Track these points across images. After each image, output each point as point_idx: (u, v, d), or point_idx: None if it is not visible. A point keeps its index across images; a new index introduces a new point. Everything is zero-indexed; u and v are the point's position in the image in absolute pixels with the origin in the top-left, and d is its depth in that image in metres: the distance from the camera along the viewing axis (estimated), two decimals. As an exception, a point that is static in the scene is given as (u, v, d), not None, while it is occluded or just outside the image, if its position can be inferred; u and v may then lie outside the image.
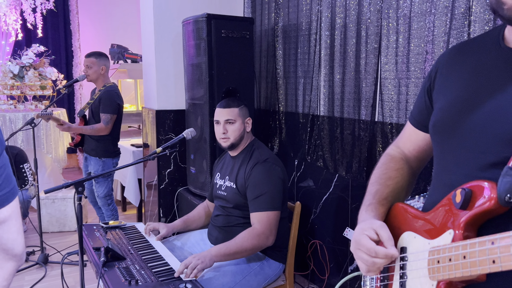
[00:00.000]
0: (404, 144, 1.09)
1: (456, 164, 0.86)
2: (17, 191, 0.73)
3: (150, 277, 1.64)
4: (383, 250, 0.85)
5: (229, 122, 2.03)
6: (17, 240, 0.74)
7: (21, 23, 5.94)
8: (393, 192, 1.00)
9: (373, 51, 2.25)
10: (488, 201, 0.72)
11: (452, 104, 0.89)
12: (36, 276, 3.09)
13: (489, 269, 0.66)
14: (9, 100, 5.19)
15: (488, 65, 0.85)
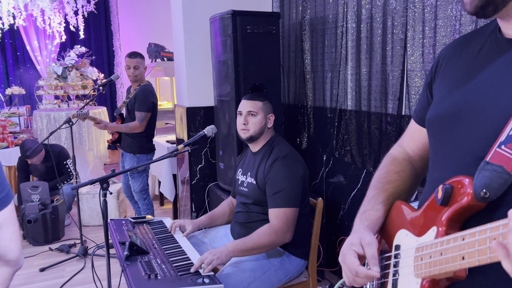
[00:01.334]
0: (407, 143, 1.06)
1: (446, 159, 0.83)
2: (9, 199, 0.75)
3: (169, 272, 1.68)
4: (364, 271, 0.85)
5: (251, 114, 2.05)
6: (9, 247, 0.76)
7: (65, 26, 6.21)
8: (392, 196, 0.98)
9: (399, 42, 2.18)
10: (465, 197, 0.69)
11: (445, 99, 0.85)
12: (76, 267, 3.25)
13: (459, 265, 0.64)
14: (54, 99, 5.45)
15: (483, 58, 0.82)
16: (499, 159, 0.68)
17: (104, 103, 7.27)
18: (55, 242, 3.76)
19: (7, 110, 5.46)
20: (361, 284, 0.88)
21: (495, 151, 0.69)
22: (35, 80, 6.36)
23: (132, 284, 1.54)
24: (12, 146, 4.49)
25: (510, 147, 0.68)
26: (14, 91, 5.54)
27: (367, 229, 0.93)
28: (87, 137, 5.20)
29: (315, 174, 3.04)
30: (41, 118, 5.07)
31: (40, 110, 5.27)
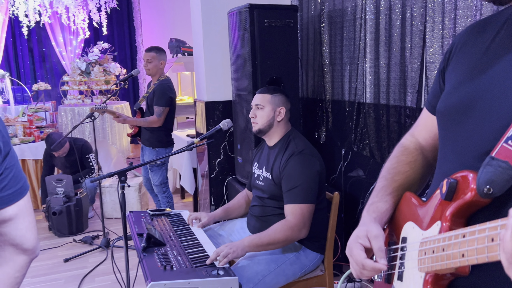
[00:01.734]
0: (419, 133, 1.03)
1: (454, 152, 0.81)
2: (25, 191, 0.78)
3: (185, 263, 1.71)
4: (370, 264, 0.84)
5: (258, 107, 2.05)
6: (25, 236, 0.79)
7: (88, 22, 6.33)
8: (401, 187, 0.96)
9: (418, 34, 2.14)
10: (469, 193, 0.67)
11: (456, 89, 0.83)
12: (99, 258, 3.33)
13: (459, 262, 0.63)
14: (78, 95, 5.57)
15: (497, 47, 0.78)
16: (505, 155, 0.66)
17: (127, 97, 7.39)
18: (79, 234, 3.86)
19: (34, 105, 5.62)
20: (368, 276, 0.87)
21: (502, 146, 0.67)
22: (60, 75, 6.52)
23: (148, 274, 1.57)
24: (38, 140, 4.61)
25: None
26: (40, 86, 5.70)
27: (375, 221, 0.91)
28: (110, 131, 5.30)
29: (333, 168, 3.02)
30: (66, 113, 5.19)
31: (65, 105, 5.40)
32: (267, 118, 2.04)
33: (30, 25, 6.10)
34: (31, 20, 5.98)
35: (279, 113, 2.05)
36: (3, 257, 0.78)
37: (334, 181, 3.03)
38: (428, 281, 0.73)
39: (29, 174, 4.51)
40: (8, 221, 0.76)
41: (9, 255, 0.78)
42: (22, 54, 6.94)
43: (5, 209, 0.74)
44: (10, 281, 0.79)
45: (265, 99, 2.05)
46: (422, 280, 0.75)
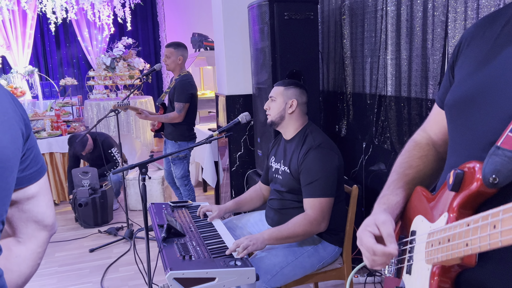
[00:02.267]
0: (430, 128, 1.03)
1: (461, 144, 0.80)
2: (44, 170, 0.83)
3: (204, 253, 1.74)
4: (380, 248, 0.83)
5: (271, 99, 2.07)
6: (46, 213, 0.84)
7: (113, 18, 6.44)
8: (413, 180, 0.96)
9: (440, 25, 2.10)
10: (475, 183, 0.67)
11: (464, 82, 0.82)
12: (123, 249, 3.42)
13: (463, 252, 0.62)
14: (103, 89, 5.69)
15: (505, 39, 0.77)
16: (511, 144, 0.65)
17: (151, 92, 7.50)
18: (104, 225, 3.97)
19: (61, 100, 5.78)
20: (381, 264, 0.86)
21: (507, 136, 0.66)
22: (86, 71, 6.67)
23: (167, 263, 1.61)
24: (65, 134, 4.74)
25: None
26: (67, 82, 5.85)
27: (384, 211, 0.91)
28: (134, 125, 5.40)
29: (354, 162, 3.00)
30: (91, 107, 5.32)
31: (91, 99, 5.52)
32: (278, 110, 2.05)
33: (57, 21, 6.25)
34: (58, 17, 6.13)
35: (290, 105, 2.04)
36: (26, 234, 0.83)
37: (355, 175, 3.02)
38: (435, 273, 0.73)
39: (57, 167, 4.64)
40: (31, 198, 0.81)
41: (31, 231, 0.83)
42: (50, 50, 7.13)
43: (28, 187, 0.80)
44: (33, 257, 0.84)
45: (278, 91, 2.06)
46: (429, 272, 0.74)
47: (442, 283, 0.72)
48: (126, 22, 6.42)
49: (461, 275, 0.74)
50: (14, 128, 0.72)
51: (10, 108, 0.73)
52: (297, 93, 2.06)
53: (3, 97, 0.72)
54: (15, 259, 0.81)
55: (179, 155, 3.49)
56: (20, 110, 0.76)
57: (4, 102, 0.72)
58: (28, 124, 0.78)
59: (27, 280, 0.84)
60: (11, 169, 0.72)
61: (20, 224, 0.82)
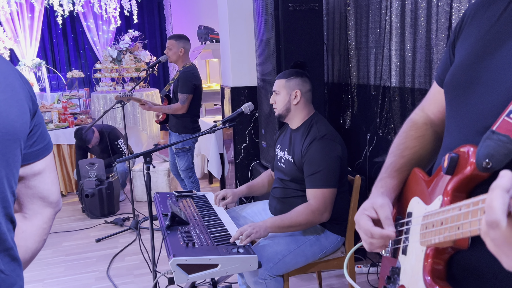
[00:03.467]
0: (429, 106, 1.02)
1: (457, 126, 0.80)
2: (51, 147, 0.86)
3: (207, 241, 1.76)
4: (378, 231, 0.84)
5: (275, 93, 2.08)
6: (51, 190, 0.87)
7: (119, 11, 6.47)
8: (410, 162, 0.96)
9: (444, 15, 2.09)
10: (468, 167, 0.67)
11: (462, 62, 0.82)
12: (129, 239, 3.46)
13: (455, 235, 0.63)
14: (110, 82, 5.72)
15: (504, 20, 0.77)
16: (506, 129, 0.65)
17: (157, 84, 7.53)
18: (110, 216, 4.01)
19: (68, 92, 5.82)
20: (378, 246, 0.87)
21: (503, 120, 0.66)
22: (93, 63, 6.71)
23: (171, 250, 1.63)
24: (72, 126, 4.79)
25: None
26: (74, 74, 5.89)
27: (382, 195, 0.92)
28: (141, 117, 5.44)
29: (358, 153, 3.01)
30: (98, 99, 5.35)
31: (98, 92, 5.56)
32: (283, 103, 2.06)
33: (64, 14, 6.29)
34: (65, 10, 6.16)
35: (294, 96, 2.05)
36: (32, 210, 0.86)
37: (359, 166, 3.02)
38: (429, 254, 0.74)
39: (64, 158, 4.69)
40: (38, 175, 0.83)
41: (37, 207, 0.86)
42: (57, 43, 7.18)
43: (35, 163, 0.82)
44: (39, 232, 0.87)
45: (280, 84, 2.07)
46: (423, 254, 0.75)
47: (436, 265, 0.73)
48: (133, 15, 6.45)
49: (454, 257, 0.75)
50: (22, 103, 0.75)
51: (17, 84, 0.75)
52: (299, 83, 2.07)
53: (11, 73, 0.75)
54: (21, 234, 0.83)
55: (183, 147, 3.51)
56: (27, 87, 0.78)
57: (12, 78, 0.74)
58: (35, 101, 0.80)
59: (33, 255, 0.86)
60: (19, 142, 0.74)
61: (26, 200, 0.84)
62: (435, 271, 0.73)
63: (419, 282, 0.75)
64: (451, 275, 0.76)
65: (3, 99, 0.71)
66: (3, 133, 0.70)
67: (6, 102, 0.71)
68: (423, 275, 0.74)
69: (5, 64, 0.75)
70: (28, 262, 0.85)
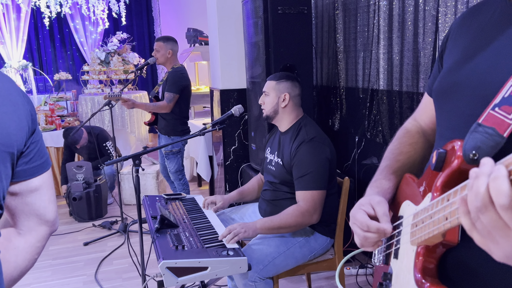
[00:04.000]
0: (420, 117, 1.05)
1: (448, 129, 0.82)
2: (48, 165, 0.85)
3: (196, 244, 1.76)
4: (375, 224, 0.84)
5: (265, 94, 2.10)
6: (48, 208, 0.86)
7: (107, 13, 6.43)
8: (404, 166, 0.98)
9: (431, 19, 2.12)
10: (455, 160, 0.68)
11: (450, 69, 0.85)
12: (117, 242, 3.43)
13: (443, 226, 0.63)
14: (98, 84, 5.68)
15: (491, 26, 0.79)
16: (492, 121, 0.67)
17: (146, 87, 7.49)
18: (98, 219, 3.98)
19: (55, 94, 5.76)
20: (372, 242, 0.87)
21: (489, 113, 0.68)
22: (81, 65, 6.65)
23: (160, 253, 1.63)
24: (59, 129, 4.74)
25: (504, 109, 0.66)
26: (61, 76, 5.83)
27: (377, 194, 0.93)
28: (129, 120, 5.40)
29: (347, 155, 3.03)
30: (86, 102, 5.31)
31: (85, 94, 5.52)
32: (271, 104, 2.07)
33: (51, 16, 6.23)
34: (52, 11, 6.11)
35: (283, 99, 2.06)
36: (27, 226, 0.85)
37: (347, 168, 3.04)
38: (419, 253, 0.74)
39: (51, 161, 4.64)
40: (34, 192, 0.83)
41: (32, 225, 0.85)
42: (44, 45, 7.10)
43: (31, 179, 0.81)
44: (31, 250, 0.86)
45: (270, 86, 2.08)
46: (414, 254, 0.76)
47: (427, 263, 0.73)
48: (121, 17, 6.41)
49: (446, 256, 0.76)
50: (21, 119, 0.76)
51: (19, 101, 0.77)
52: (288, 86, 2.08)
53: (14, 91, 0.77)
54: (13, 250, 0.82)
55: (173, 149, 3.50)
56: (29, 107, 0.80)
57: (15, 95, 0.76)
58: (34, 119, 0.81)
59: (22, 274, 0.85)
60: (12, 156, 0.74)
61: (22, 216, 0.83)
62: (426, 269, 0.73)
63: (410, 282, 0.75)
64: (446, 276, 0.76)
65: (4, 112, 0.73)
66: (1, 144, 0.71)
67: (6, 116, 0.73)
68: (414, 272, 0.74)
69: (9, 82, 0.77)
70: (15, 281, 0.83)
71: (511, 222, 0.51)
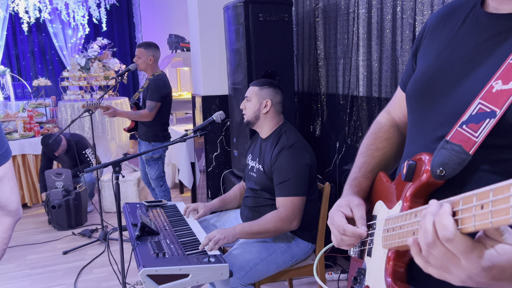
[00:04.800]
0: (394, 111, 1.06)
1: (418, 134, 0.84)
2: (9, 154, 0.84)
3: (177, 251, 1.75)
4: (351, 228, 0.87)
5: (247, 99, 2.10)
6: (10, 198, 0.85)
7: (88, 19, 6.37)
8: (380, 163, 1.00)
9: (408, 27, 2.17)
10: (424, 174, 0.71)
11: (424, 73, 0.86)
12: (97, 251, 3.38)
13: (411, 240, 0.66)
14: (78, 90, 5.61)
15: (463, 33, 0.81)
16: (459, 139, 0.69)
17: (127, 93, 7.43)
18: (78, 227, 3.91)
19: (34, 101, 5.67)
20: (348, 244, 0.90)
21: (456, 130, 0.71)
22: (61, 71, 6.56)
23: (140, 261, 1.61)
24: (38, 136, 4.66)
25: (471, 127, 0.68)
26: (40, 82, 5.74)
27: (356, 195, 0.95)
28: (110, 126, 5.35)
29: (328, 161, 3.06)
30: (65, 108, 5.24)
31: (65, 100, 5.44)
32: (253, 110, 2.08)
33: (30, 21, 6.14)
34: (31, 17, 6.02)
35: (264, 105, 2.08)
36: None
37: (329, 173, 3.07)
38: (390, 257, 0.77)
39: (29, 168, 4.55)
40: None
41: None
42: (22, 50, 6.99)
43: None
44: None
45: (253, 92, 2.09)
46: (385, 256, 0.78)
47: (397, 267, 0.76)
48: (102, 23, 6.36)
49: (414, 261, 0.78)
50: None
51: None
52: (271, 93, 2.09)
53: None
54: None
55: (154, 155, 3.48)
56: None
57: None
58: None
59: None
60: None
61: None
62: (396, 273, 0.76)
63: (382, 283, 0.78)
64: (412, 276, 0.79)
65: None
66: None
67: None
68: (385, 276, 0.77)
69: None
70: None
71: (458, 253, 0.56)
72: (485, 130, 0.67)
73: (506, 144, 0.68)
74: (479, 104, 0.69)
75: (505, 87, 0.66)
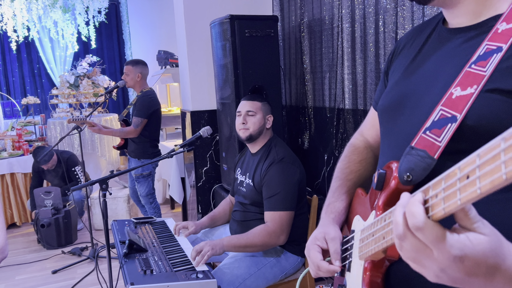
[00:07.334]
0: (367, 131, 1.08)
1: (389, 147, 0.86)
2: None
3: (165, 267, 1.74)
4: (325, 266, 0.90)
5: (249, 113, 2.09)
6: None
7: (77, 36, 6.39)
8: (355, 185, 1.02)
9: (391, 40, 2.21)
10: (393, 181, 0.73)
11: (392, 89, 0.89)
12: (87, 269, 3.34)
13: (381, 245, 0.67)
14: (67, 108, 5.60)
15: (427, 49, 0.85)
16: (423, 144, 0.71)
17: (117, 109, 7.42)
18: (68, 246, 3.87)
19: (23, 119, 5.64)
20: (324, 276, 0.93)
21: (421, 137, 0.73)
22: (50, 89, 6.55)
23: (128, 278, 1.60)
24: (27, 154, 4.63)
25: (434, 132, 0.71)
26: (29, 101, 5.72)
27: (333, 222, 0.96)
28: (99, 143, 5.33)
29: (317, 173, 3.07)
30: (55, 126, 5.22)
31: (54, 118, 5.42)
32: (258, 124, 2.08)
33: (18, 40, 6.14)
34: (19, 35, 6.03)
35: (267, 120, 2.11)
36: None
37: (318, 186, 3.08)
38: (367, 268, 0.78)
39: (18, 187, 4.51)
40: None
41: None
42: (11, 69, 6.97)
43: None
44: None
45: (257, 106, 2.10)
46: (362, 268, 0.79)
47: (374, 277, 0.77)
48: (91, 40, 6.38)
49: (390, 269, 0.79)
50: None
51: None
52: (270, 109, 2.15)
53: None
54: None
55: (143, 172, 3.47)
56: None
57: None
58: None
59: None
60: None
61: None
62: (374, 283, 0.77)
63: None
64: (389, 286, 0.80)
65: None
66: None
67: None
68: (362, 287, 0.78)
69: None
70: None
71: (429, 243, 0.54)
72: (447, 134, 0.69)
73: (469, 148, 0.71)
74: (440, 111, 0.71)
75: (463, 92, 0.69)
